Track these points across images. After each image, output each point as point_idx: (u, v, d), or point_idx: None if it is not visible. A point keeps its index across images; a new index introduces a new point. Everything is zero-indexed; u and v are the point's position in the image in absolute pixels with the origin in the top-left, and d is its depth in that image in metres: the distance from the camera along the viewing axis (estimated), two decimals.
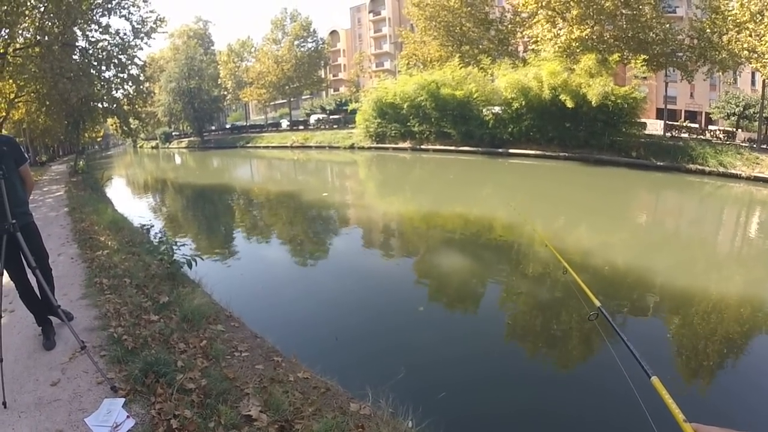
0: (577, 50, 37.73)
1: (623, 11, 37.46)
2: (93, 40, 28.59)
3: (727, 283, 12.72)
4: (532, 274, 12.48)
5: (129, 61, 30.69)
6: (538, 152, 39.31)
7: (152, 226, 14.60)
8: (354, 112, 55.76)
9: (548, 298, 10.43)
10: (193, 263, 8.74)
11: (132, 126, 39.12)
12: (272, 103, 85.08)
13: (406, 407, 5.17)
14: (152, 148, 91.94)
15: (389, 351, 8.01)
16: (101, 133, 76.55)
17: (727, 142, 38.08)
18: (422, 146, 46.53)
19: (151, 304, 6.80)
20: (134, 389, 4.38)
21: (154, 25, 30.34)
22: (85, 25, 27.69)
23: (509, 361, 7.82)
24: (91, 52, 28.86)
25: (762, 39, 32.25)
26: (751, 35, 33.04)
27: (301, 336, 8.26)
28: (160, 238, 10.64)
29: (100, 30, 28.32)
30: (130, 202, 25.23)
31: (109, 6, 28.06)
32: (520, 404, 6.56)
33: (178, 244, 9.91)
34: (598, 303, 3.22)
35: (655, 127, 43.82)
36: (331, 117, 71.72)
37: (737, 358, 8.41)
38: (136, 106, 34.26)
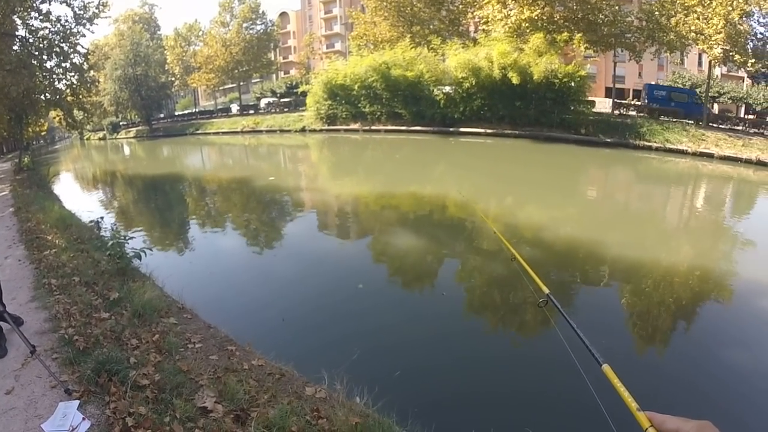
0: (527, 30, 38.38)
1: None
2: (33, 28, 27.32)
3: (676, 256, 13.22)
4: (482, 258, 12.61)
5: (71, 50, 29.47)
6: (489, 131, 39.95)
7: (101, 220, 14.28)
8: (304, 94, 55.26)
9: (499, 282, 10.52)
10: (143, 255, 8.64)
11: (77, 118, 37.94)
12: (221, 88, 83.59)
13: (362, 388, 5.23)
14: (99, 139, 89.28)
15: (344, 333, 8.06)
16: (45, 127, 73.96)
17: (674, 120, 39.12)
18: (374, 127, 46.65)
19: (102, 301, 6.71)
20: (88, 390, 4.34)
21: (96, 10, 29.18)
22: (25, 13, 26.42)
23: (460, 344, 7.84)
24: (31, 41, 27.54)
25: (709, 22, 33.38)
26: (698, 18, 34.09)
27: (255, 323, 8.27)
28: (111, 232, 10.46)
29: (41, 17, 27.11)
30: (79, 198, 24.49)
31: None
32: (469, 389, 6.63)
33: (129, 237, 9.78)
34: (546, 290, 3.28)
35: (603, 105, 44.79)
36: (281, 100, 70.82)
37: (690, 339, 8.65)
38: (80, 97, 32.99)
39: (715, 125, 38.43)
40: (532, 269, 3.65)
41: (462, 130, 41.29)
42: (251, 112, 71.87)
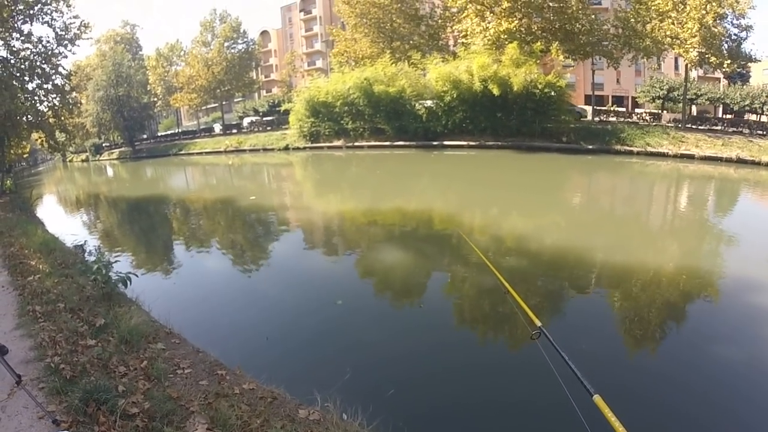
0: (506, 42, 38.76)
1: (550, 4, 38.95)
2: (15, 49, 27.32)
3: (662, 257, 13.41)
4: (470, 279, 12.19)
5: (53, 71, 29.47)
6: (471, 143, 40.18)
7: (85, 243, 14.16)
8: (287, 112, 55.11)
9: (489, 311, 10.17)
10: (129, 281, 8.57)
11: (59, 140, 37.68)
12: (204, 108, 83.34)
13: (355, 408, 5.21)
14: (82, 161, 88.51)
15: (334, 352, 8.01)
16: (28, 149, 73.39)
17: (654, 124, 39.82)
18: (357, 143, 46.61)
19: (88, 328, 6.63)
20: (76, 420, 4.28)
21: (78, 31, 29.26)
22: (6, 34, 26.40)
23: (449, 373, 7.46)
24: (12, 62, 27.47)
25: (684, 26, 34.06)
26: (673, 23, 34.82)
27: (244, 345, 8.19)
28: (96, 256, 10.37)
29: (22, 38, 27.15)
30: (63, 221, 24.22)
31: (31, 12, 26.88)
32: (458, 417, 6.33)
33: (114, 261, 9.67)
34: (539, 323, 3.29)
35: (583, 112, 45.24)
36: (264, 119, 70.64)
37: (682, 340, 8.64)
38: (63, 118, 32.89)
39: (694, 127, 39.06)
40: (524, 300, 3.67)
41: (445, 143, 41.50)
42: (234, 131, 71.59)
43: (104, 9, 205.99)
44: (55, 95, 30.72)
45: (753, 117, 44.27)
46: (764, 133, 36.50)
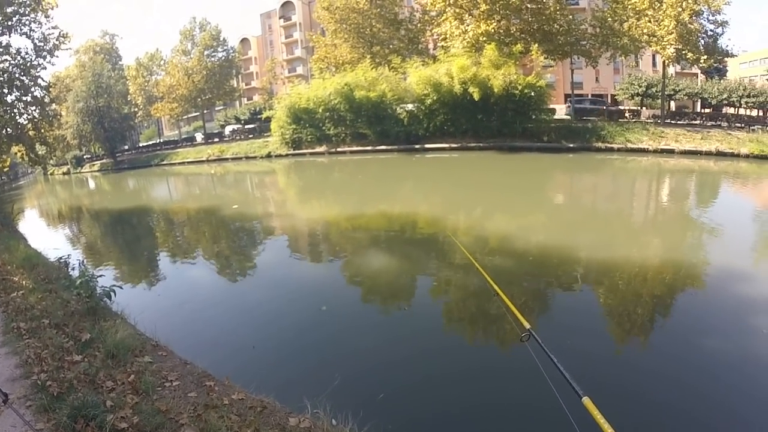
0: (485, 44, 38.96)
1: (528, 5, 39.32)
2: None
3: (646, 251, 13.57)
4: (457, 281, 12.26)
5: (32, 83, 29.22)
6: (453, 145, 40.45)
7: (69, 257, 14.03)
8: (268, 120, 55.03)
9: (480, 313, 10.06)
10: (113, 294, 8.52)
11: (40, 153, 37.31)
12: (185, 117, 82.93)
13: (345, 414, 5.20)
14: (63, 174, 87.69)
15: (322, 358, 7.95)
16: (8, 163, 72.44)
17: (633, 120, 40.23)
18: (339, 149, 46.63)
19: (73, 343, 6.57)
20: None
21: (57, 42, 29.05)
22: None
23: (437, 374, 7.48)
24: None
25: (661, 24, 34.58)
26: (650, 21, 35.33)
27: (232, 355, 8.12)
28: (80, 270, 10.29)
29: (0, 50, 26.88)
30: (45, 235, 24.00)
31: (9, 23, 26.65)
32: (446, 421, 6.32)
33: (98, 275, 9.61)
34: (528, 325, 3.31)
35: (563, 111, 45.55)
36: (246, 127, 70.38)
37: (672, 334, 8.66)
38: (43, 131, 32.53)
39: (673, 122, 39.57)
40: (512, 302, 3.68)
41: (427, 146, 41.69)
42: (216, 140, 71.39)
43: (104, 9, 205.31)
44: (34, 107, 30.42)
45: (731, 110, 44.94)
46: (742, 125, 37.06)
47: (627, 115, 44.30)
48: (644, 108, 48.79)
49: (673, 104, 51.98)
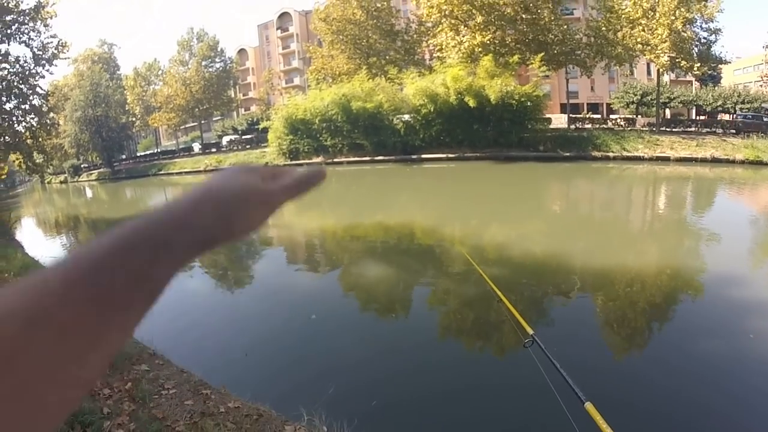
0: (481, 55, 39.19)
1: (523, 16, 39.42)
2: None
3: (643, 258, 13.51)
4: (459, 290, 12.35)
5: (30, 91, 29.24)
6: (450, 155, 40.54)
7: None
8: (266, 130, 55.15)
9: (480, 320, 10.05)
10: None
11: (37, 161, 37.31)
12: (183, 127, 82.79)
13: (341, 422, 5.23)
14: (61, 182, 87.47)
15: (318, 367, 7.89)
16: (6, 171, 72.25)
17: (629, 128, 40.48)
18: (336, 159, 46.58)
19: None
20: None
21: (56, 51, 29.10)
22: None
23: (437, 378, 7.55)
24: None
25: (654, 32, 34.88)
26: (644, 30, 35.63)
27: (229, 365, 8.10)
28: None
29: None
30: (43, 244, 24.01)
31: (8, 32, 26.74)
32: (446, 425, 6.35)
33: None
34: (531, 330, 3.36)
35: (559, 120, 45.92)
36: (243, 137, 70.53)
37: (668, 342, 8.65)
38: (41, 140, 32.47)
39: (668, 129, 39.77)
40: (516, 309, 3.72)
41: (423, 156, 41.80)
42: (213, 150, 71.42)
43: (106, 9, 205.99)
44: (32, 116, 30.35)
45: (726, 117, 45.18)
46: (737, 132, 37.24)
47: (621, 123, 44.45)
48: (639, 116, 49.00)
49: (668, 112, 52.24)
